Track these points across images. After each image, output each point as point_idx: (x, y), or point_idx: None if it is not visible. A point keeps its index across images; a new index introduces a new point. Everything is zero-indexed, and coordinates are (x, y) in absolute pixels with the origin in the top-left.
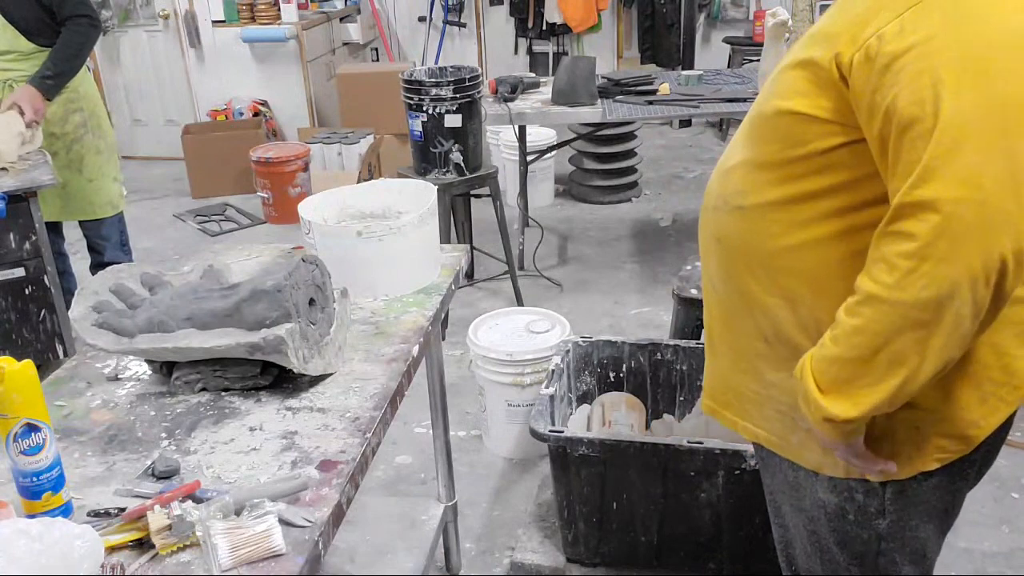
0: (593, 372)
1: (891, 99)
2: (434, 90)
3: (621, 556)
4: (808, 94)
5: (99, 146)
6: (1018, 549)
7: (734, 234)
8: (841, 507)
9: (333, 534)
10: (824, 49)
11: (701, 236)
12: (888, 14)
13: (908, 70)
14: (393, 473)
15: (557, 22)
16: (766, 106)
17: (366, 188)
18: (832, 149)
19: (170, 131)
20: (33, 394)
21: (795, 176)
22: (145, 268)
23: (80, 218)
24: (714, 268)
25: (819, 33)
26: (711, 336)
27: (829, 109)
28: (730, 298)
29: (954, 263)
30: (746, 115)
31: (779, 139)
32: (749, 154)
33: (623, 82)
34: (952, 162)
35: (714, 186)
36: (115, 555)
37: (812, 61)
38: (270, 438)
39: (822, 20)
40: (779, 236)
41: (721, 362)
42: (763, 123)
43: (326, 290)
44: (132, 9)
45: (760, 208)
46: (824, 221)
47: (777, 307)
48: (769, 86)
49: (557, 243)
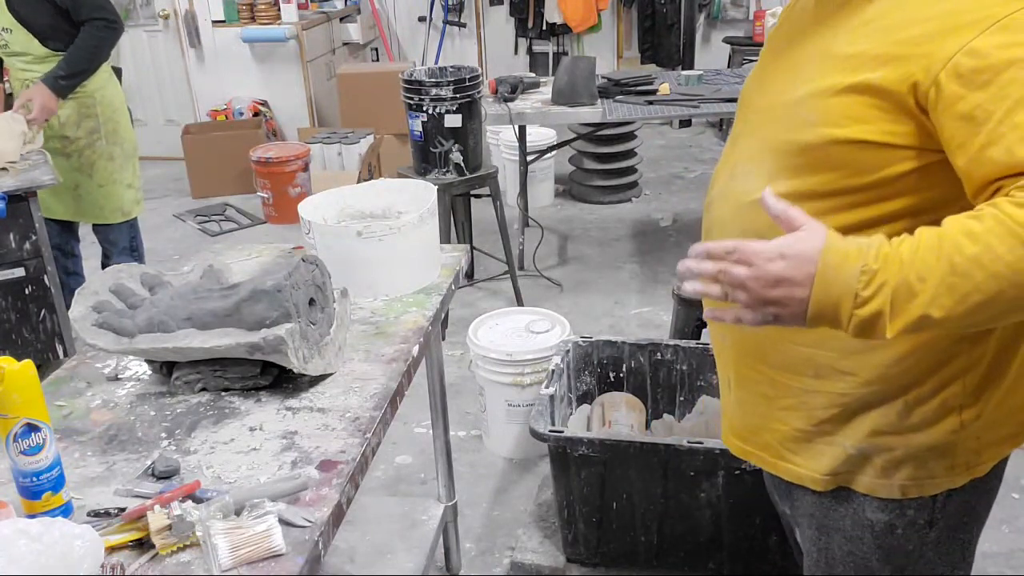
0: (593, 372)
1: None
2: (434, 90)
3: (621, 556)
4: (871, 120)
5: (112, 152)
6: (1018, 549)
7: None
8: (890, 524)
9: (333, 534)
10: (884, 71)
11: None
12: (969, 31)
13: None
14: (393, 473)
15: (557, 22)
16: (807, 134)
17: (366, 188)
18: (906, 174)
19: (170, 131)
20: (33, 394)
21: (857, 204)
22: (145, 268)
23: (89, 221)
24: None
25: (860, 54)
26: (735, 371)
27: (902, 134)
28: (769, 334)
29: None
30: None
31: (834, 168)
32: (788, 186)
33: (623, 82)
34: None
35: (735, 219)
36: (115, 555)
37: (870, 85)
38: (270, 438)
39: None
40: None
41: (751, 400)
42: (806, 152)
43: (326, 290)
44: (132, 9)
45: None
46: None
47: (841, 341)
48: (796, 110)
49: (557, 243)
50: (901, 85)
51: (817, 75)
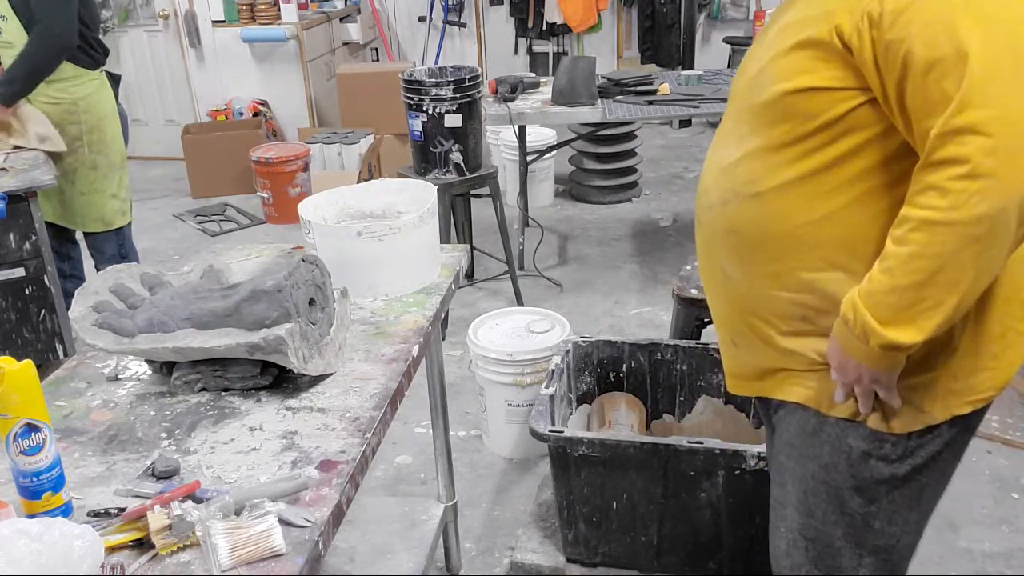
0: (593, 372)
1: (905, 50)
2: (434, 90)
3: (621, 556)
4: (813, 70)
5: (96, 161)
6: (1018, 549)
7: (753, 222)
8: (866, 453)
9: (333, 534)
10: (818, 27)
11: (704, 233)
12: None
13: (916, 21)
14: (393, 473)
15: (557, 22)
16: (764, 94)
17: (366, 188)
18: (847, 113)
19: (170, 131)
20: (33, 394)
21: (812, 149)
22: (145, 268)
23: (72, 227)
24: (728, 261)
25: (803, 19)
26: (730, 329)
27: (838, 78)
28: (755, 286)
29: (1004, 178)
30: (728, 113)
31: (788, 118)
32: (754, 143)
33: (623, 82)
34: (988, 88)
35: (715, 183)
36: (115, 555)
37: (810, 40)
38: (270, 438)
39: (796, 9)
40: (805, 211)
41: (749, 350)
42: (765, 109)
43: (326, 290)
44: (132, 9)
45: (780, 189)
46: (848, 186)
47: (819, 281)
48: (757, 78)
49: (557, 243)
50: (831, 35)
51: (774, 45)
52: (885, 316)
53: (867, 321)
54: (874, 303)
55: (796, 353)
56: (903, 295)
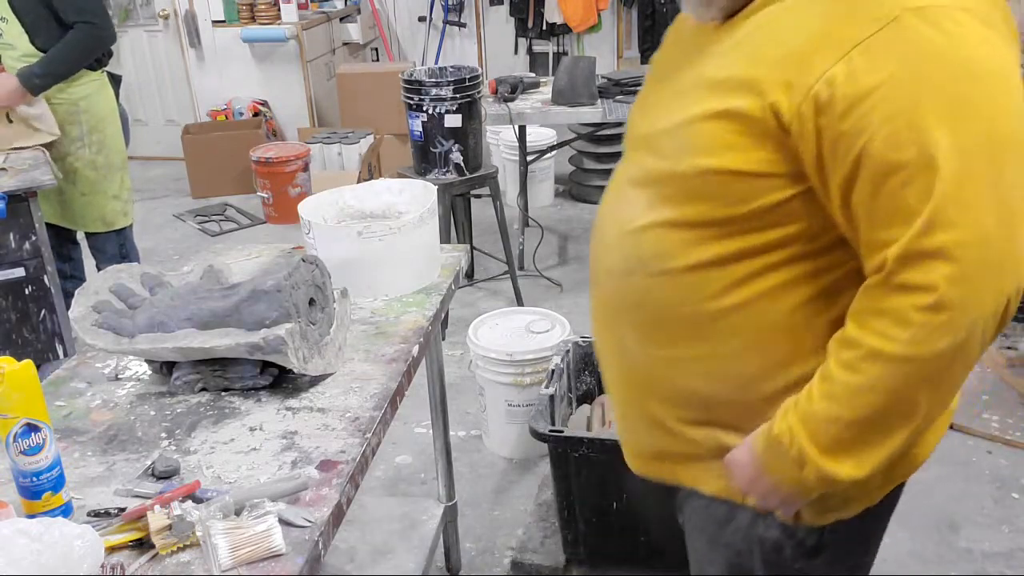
0: (593, 372)
1: (861, 146)
2: (434, 90)
3: (621, 556)
4: (739, 149)
5: (96, 162)
6: (1018, 549)
7: (659, 300)
8: (779, 544)
9: (333, 534)
10: (748, 98)
11: (602, 296)
12: (829, 55)
13: (876, 113)
14: (393, 473)
15: (557, 22)
16: (681, 164)
17: (366, 188)
18: (778, 204)
19: (170, 131)
20: (33, 394)
21: (734, 233)
22: (145, 268)
23: (73, 228)
24: (629, 334)
25: (726, 80)
26: (625, 404)
27: (770, 162)
28: (656, 367)
29: (971, 309)
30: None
31: (708, 199)
32: (666, 214)
33: (623, 82)
34: (959, 203)
35: (618, 245)
36: (115, 555)
37: (736, 113)
38: (270, 438)
39: (715, 59)
40: (718, 296)
41: (647, 432)
42: (682, 181)
43: (326, 290)
44: (132, 9)
45: (692, 270)
46: (768, 274)
47: (727, 372)
48: (671, 136)
49: (557, 243)
50: (764, 113)
51: (692, 102)
52: (825, 444)
53: (804, 447)
54: (814, 429)
55: (697, 442)
56: (848, 427)
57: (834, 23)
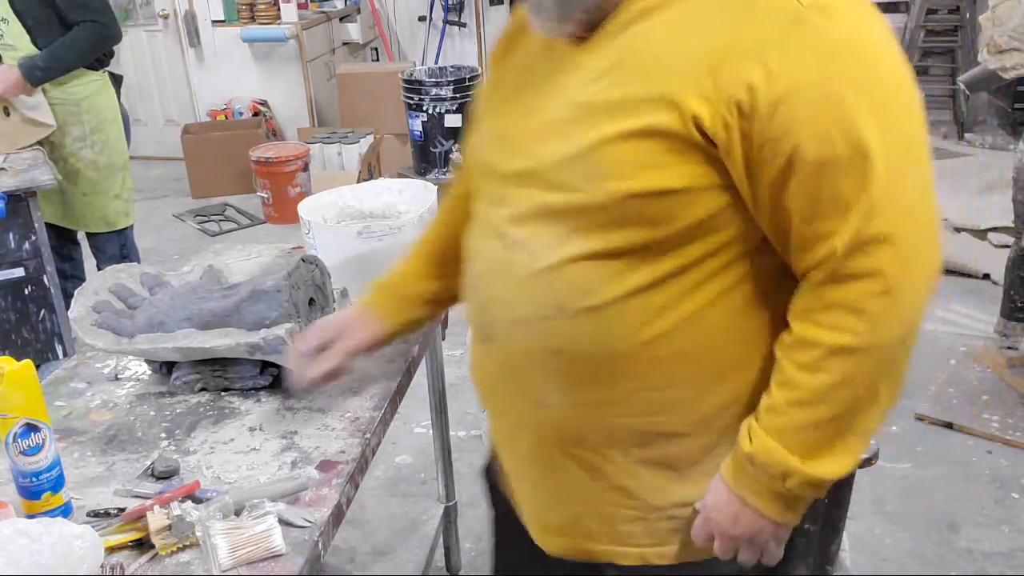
0: None
1: (792, 146)
2: (434, 90)
3: None
4: (663, 166)
5: (98, 162)
6: (1018, 549)
7: (586, 341)
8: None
9: (333, 534)
10: (665, 113)
11: (504, 355)
12: (742, 61)
13: (800, 112)
14: (393, 473)
15: None
16: (596, 193)
17: (366, 188)
18: (708, 216)
19: (170, 131)
20: (33, 394)
21: (668, 250)
22: (145, 268)
23: (74, 228)
24: (547, 388)
25: (627, 98)
26: (540, 466)
27: (697, 175)
28: (583, 415)
29: (916, 291)
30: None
31: (633, 224)
32: (583, 247)
33: None
34: (893, 189)
35: (522, 294)
36: (115, 555)
37: (654, 130)
38: (270, 438)
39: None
40: (653, 323)
41: (568, 491)
42: (600, 213)
43: (326, 290)
44: (132, 9)
45: (621, 300)
46: (701, 288)
47: (667, 400)
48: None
49: None
50: (687, 126)
51: (587, 127)
52: (806, 450)
53: (785, 460)
54: (791, 440)
55: (632, 492)
56: (823, 428)
57: (737, 30)
